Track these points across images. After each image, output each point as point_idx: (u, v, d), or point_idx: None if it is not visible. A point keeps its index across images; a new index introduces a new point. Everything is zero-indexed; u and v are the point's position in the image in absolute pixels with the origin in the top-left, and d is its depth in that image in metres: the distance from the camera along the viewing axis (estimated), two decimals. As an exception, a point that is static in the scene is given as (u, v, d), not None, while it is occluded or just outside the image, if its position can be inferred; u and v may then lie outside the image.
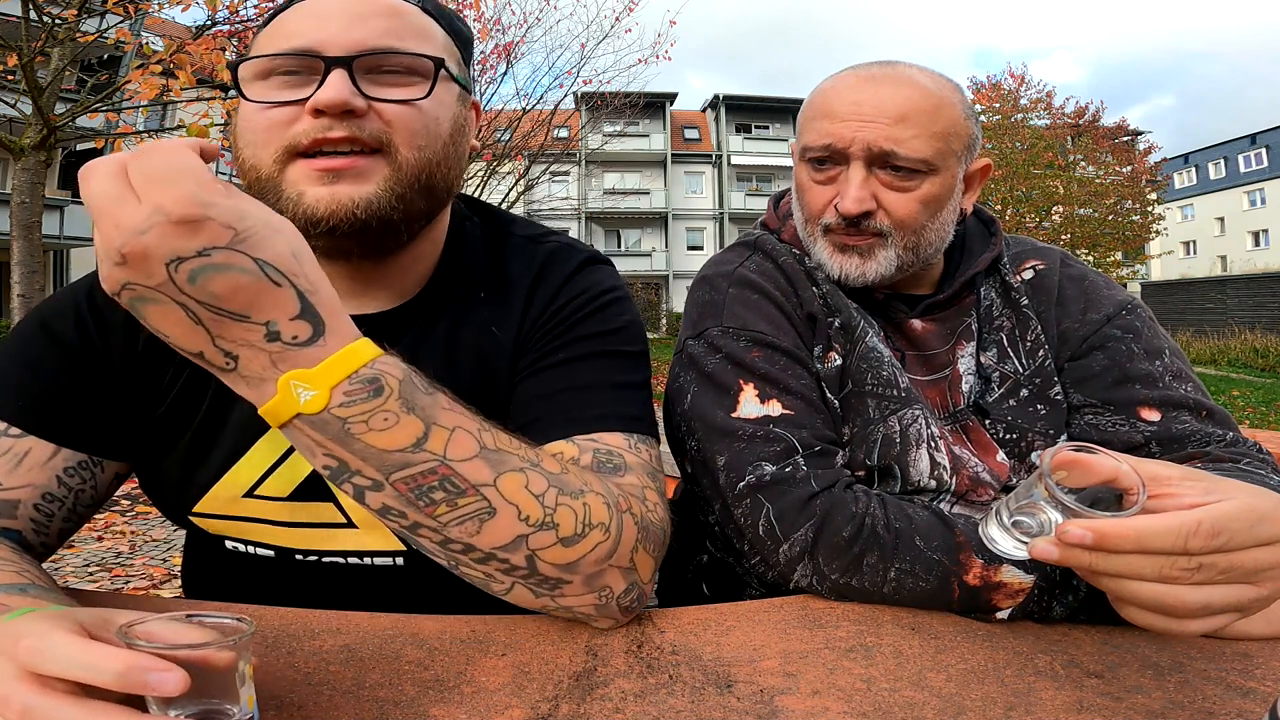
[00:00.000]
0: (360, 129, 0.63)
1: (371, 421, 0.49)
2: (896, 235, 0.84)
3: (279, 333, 0.47)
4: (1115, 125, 23.19)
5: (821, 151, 0.85)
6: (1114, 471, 0.50)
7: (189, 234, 0.44)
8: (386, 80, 0.66)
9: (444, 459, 0.51)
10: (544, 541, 0.55)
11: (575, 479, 0.58)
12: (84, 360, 0.68)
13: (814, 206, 0.88)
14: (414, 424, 0.51)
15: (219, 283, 0.45)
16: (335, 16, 0.65)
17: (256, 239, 0.46)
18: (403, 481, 0.51)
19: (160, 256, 0.44)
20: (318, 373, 0.48)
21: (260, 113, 0.64)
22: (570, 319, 0.74)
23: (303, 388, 0.48)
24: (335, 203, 0.63)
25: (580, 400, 0.69)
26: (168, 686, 0.37)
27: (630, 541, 0.60)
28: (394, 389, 0.50)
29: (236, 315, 0.46)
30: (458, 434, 0.53)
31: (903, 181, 0.83)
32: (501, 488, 0.53)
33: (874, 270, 0.86)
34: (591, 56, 12.91)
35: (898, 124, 0.81)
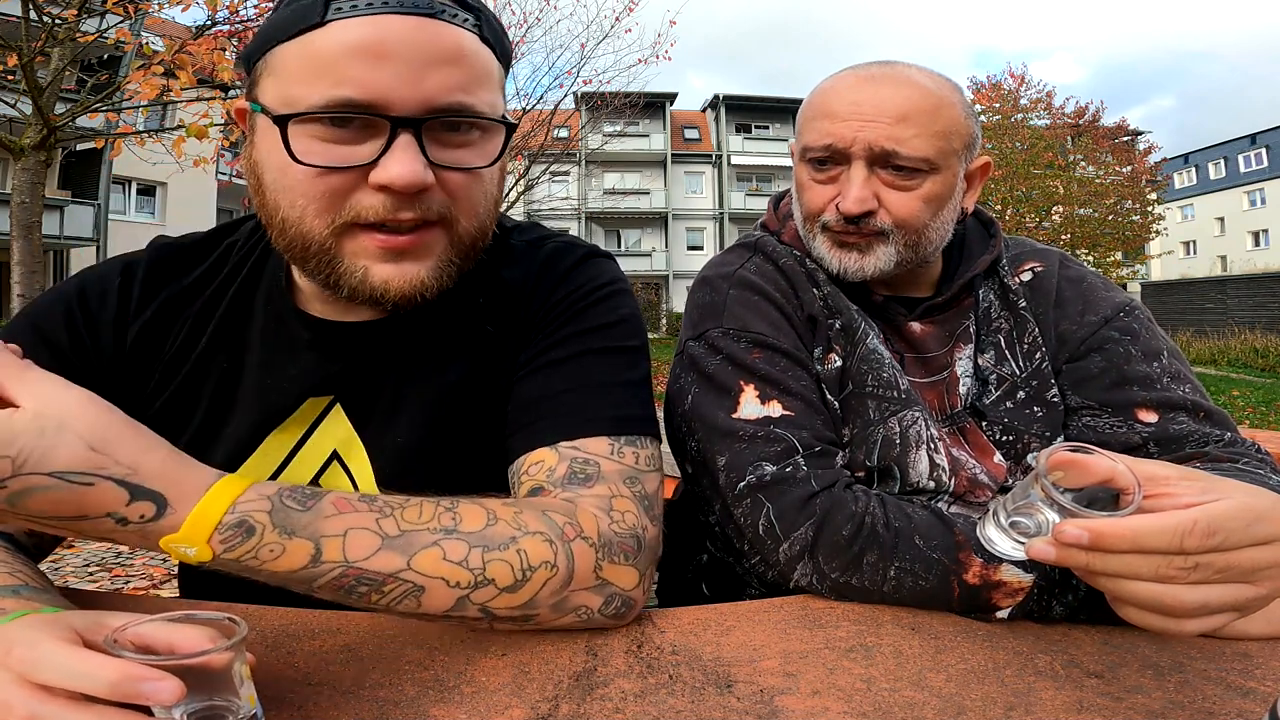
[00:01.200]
0: (429, 207, 0.60)
1: (260, 555, 0.50)
2: (898, 234, 0.85)
3: (124, 518, 0.46)
4: (1115, 125, 23.19)
5: (822, 152, 0.85)
6: (1110, 471, 0.50)
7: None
8: (453, 140, 0.61)
9: (346, 564, 0.51)
10: (486, 595, 0.55)
11: (505, 528, 0.56)
12: (74, 361, 0.67)
13: (814, 205, 0.88)
14: (301, 545, 0.51)
15: (34, 503, 0.44)
16: (395, 57, 0.56)
17: (39, 455, 0.43)
18: (324, 588, 0.52)
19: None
20: (185, 534, 0.48)
21: (312, 178, 0.57)
22: (568, 313, 0.73)
23: (183, 546, 0.48)
24: (406, 282, 0.61)
25: (570, 404, 0.69)
26: (163, 695, 0.37)
27: (588, 565, 0.59)
28: (264, 523, 0.50)
29: (75, 519, 0.45)
30: (351, 536, 0.52)
31: (904, 181, 0.83)
32: (418, 567, 0.53)
33: (872, 265, 0.86)
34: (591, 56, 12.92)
35: (898, 123, 0.81)
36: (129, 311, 0.71)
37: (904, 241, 0.85)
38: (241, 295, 0.74)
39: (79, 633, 0.41)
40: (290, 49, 0.58)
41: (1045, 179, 20.08)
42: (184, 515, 0.48)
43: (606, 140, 19.08)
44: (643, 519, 0.64)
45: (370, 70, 0.55)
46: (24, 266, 5.46)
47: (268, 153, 0.60)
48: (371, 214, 0.58)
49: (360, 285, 0.61)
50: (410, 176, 0.56)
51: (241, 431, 0.70)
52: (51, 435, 0.44)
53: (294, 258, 0.64)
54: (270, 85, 0.60)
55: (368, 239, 0.60)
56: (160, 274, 0.73)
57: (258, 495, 0.51)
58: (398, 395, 0.72)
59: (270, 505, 0.51)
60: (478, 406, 0.73)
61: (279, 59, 0.59)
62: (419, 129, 0.57)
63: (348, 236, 0.60)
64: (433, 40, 0.57)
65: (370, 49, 0.56)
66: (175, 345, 0.71)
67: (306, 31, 0.57)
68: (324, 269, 0.62)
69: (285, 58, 0.59)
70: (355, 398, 0.72)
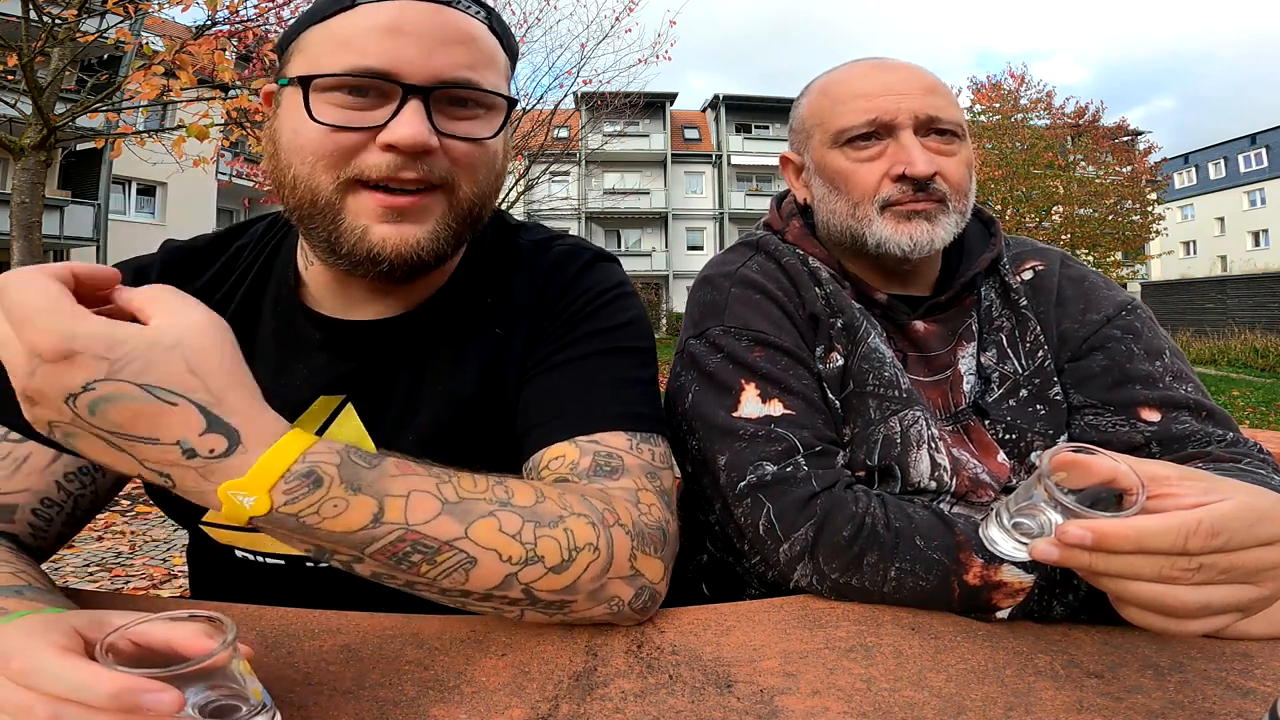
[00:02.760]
0: (430, 170, 0.63)
1: (322, 510, 0.49)
2: (954, 199, 0.86)
3: (194, 449, 0.46)
4: (1115, 125, 23.19)
5: (866, 128, 0.86)
6: (1113, 472, 0.50)
7: (66, 371, 0.43)
8: (458, 114, 0.64)
9: (407, 526, 0.51)
10: (534, 574, 0.55)
11: (553, 506, 0.57)
12: None
13: (865, 185, 0.87)
14: (365, 503, 0.50)
15: (114, 412, 0.44)
16: (412, 35, 0.61)
17: (139, 364, 0.44)
18: (377, 553, 0.52)
19: (55, 395, 0.44)
20: (250, 480, 0.47)
21: (325, 134, 0.61)
22: (576, 316, 0.74)
23: (241, 495, 0.47)
24: (403, 242, 0.63)
25: (585, 401, 0.69)
26: (163, 707, 0.37)
27: (625, 552, 0.60)
28: (333, 476, 0.50)
29: (146, 439, 0.45)
30: (414, 498, 0.52)
31: (947, 145, 0.86)
32: (474, 537, 0.53)
33: (940, 236, 0.86)
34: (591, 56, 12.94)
35: (930, 93, 0.86)
36: None
37: (960, 209, 0.87)
38: (251, 297, 0.75)
39: (80, 632, 0.41)
40: (320, 30, 0.64)
41: (1045, 179, 20.08)
42: (254, 457, 0.47)
43: (606, 140, 19.09)
44: (665, 513, 0.66)
45: (388, 44, 0.61)
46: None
47: (287, 117, 0.64)
48: (375, 172, 0.61)
49: (358, 244, 0.63)
50: (416, 137, 0.60)
51: None
52: (160, 350, 0.45)
53: (300, 217, 0.65)
54: (299, 62, 0.65)
55: (370, 198, 0.63)
56: (172, 277, 0.74)
57: (328, 449, 0.51)
58: (409, 394, 0.73)
59: (339, 459, 0.50)
60: (488, 407, 0.73)
61: (309, 39, 0.65)
62: (428, 97, 0.61)
63: (351, 194, 0.63)
64: (446, 23, 0.63)
65: (389, 27, 0.61)
66: None
67: (336, 14, 0.63)
68: (326, 226, 0.64)
69: (315, 38, 0.64)
70: (367, 397, 0.73)
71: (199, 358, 0.46)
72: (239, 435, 0.47)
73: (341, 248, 0.64)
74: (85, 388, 0.43)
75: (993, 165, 19.41)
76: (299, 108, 0.62)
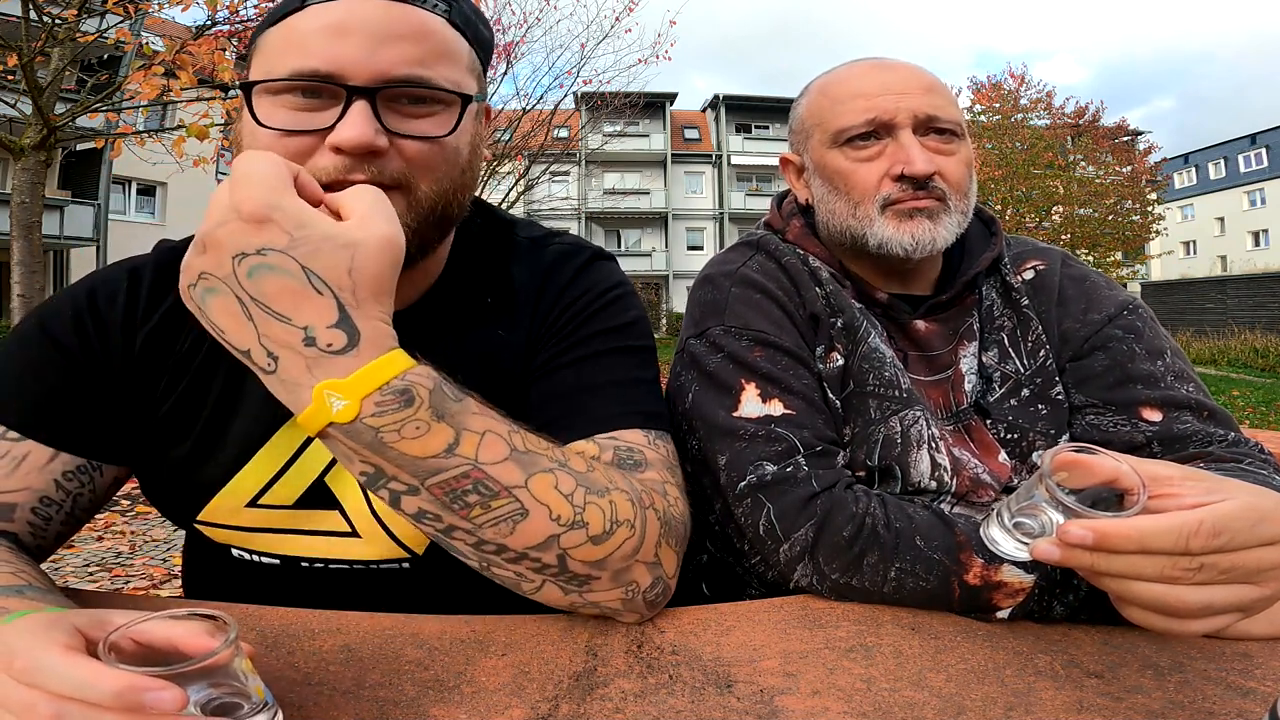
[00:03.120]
0: (381, 171, 0.61)
1: (404, 430, 0.51)
2: (954, 198, 0.86)
3: (315, 339, 0.49)
4: (1115, 125, 23.19)
5: (865, 127, 0.87)
6: (1114, 472, 0.50)
7: (254, 232, 0.48)
8: (410, 111, 0.63)
9: (476, 463, 0.53)
10: (574, 540, 0.56)
11: (601, 477, 0.59)
12: (83, 363, 0.67)
13: (866, 185, 0.87)
14: (445, 431, 0.52)
15: (269, 282, 0.49)
16: (357, 34, 0.60)
17: (311, 248, 0.49)
18: (437, 486, 0.52)
19: (229, 249, 0.49)
20: (350, 383, 0.50)
21: (276, 139, 0.61)
22: (580, 316, 0.74)
23: (335, 397, 0.49)
24: None
25: (597, 399, 0.70)
26: (165, 706, 0.37)
27: (654, 537, 0.61)
28: (424, 399, 0.52)
29: (280, 316, 0.49)
30: (488, 438, 0.54)
31: (946, 145, 0.87)
32: (533, 488, 0.54)
33: (942, 235, 0.86)
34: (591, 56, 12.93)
35: (929, 93, 0.86)
36: (137, 315, 0.71)
37: (960, 209, 0.87)
38: None
39: (81, 630, 0.41)
40: (274, 32, 0.64)
41: (1045, 179, 20.08)
42: (366, 360, 0.50)
43: (606, 140, 19.11)
44: (688, 509, 0.67)
45: (332, 45, 0.60)
46: (24, 266, 5.46)
47: (246, 120, 0.64)
48: (325, 175, 0.61)
49: None
50: (359, 138, 0.59)
51: (248, 430, 0.70)
52: (335, 245, 0.49)
53: None
54: (256, 65, 0.65)
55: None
56: (166, 277, 0.74)
57: (425, 373, 0.53)
58: None
59: (433, 385, 0.53)
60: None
61: (265, 42, 0.65)
62: (373, 97, 0.60)
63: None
64: (395, 20, 0.62)
65: (336, 27, 0.60)
66: (183, 347, 0.72)
67: (288, 16, 0.63)
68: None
69: (269, 41, 0.64)
70: None
71: (362, 261, 0.50)
72: (360, 338, 0.50)
73: None
74: (259, 251, 0.48)
75: (993, 165, 19.41)
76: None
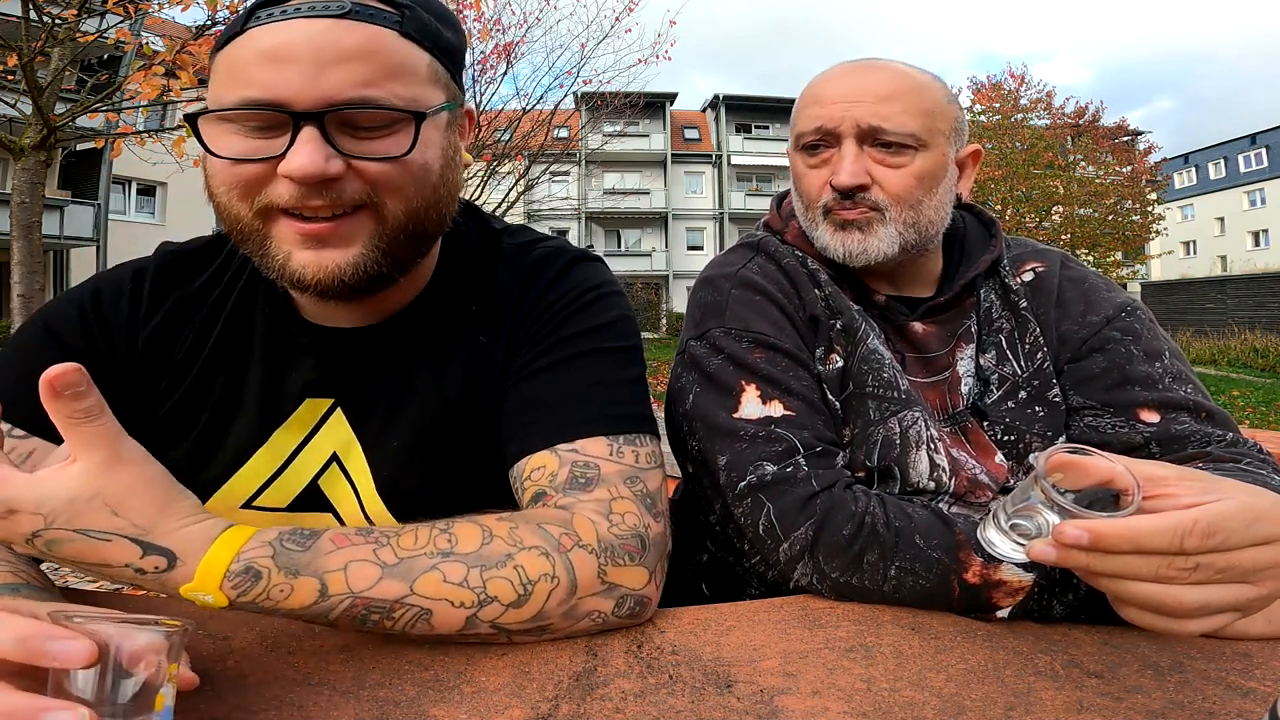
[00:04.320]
0: (340, 195, 0.60)
1: (272, 595, 0.53)
2: (894, 210, 0.85)
3: (141, 569, 0.51)
4: (1115, 125, 23.18)
5: (814, 135, 0.88)
6: (1109, 472, 0.50)
7: (15, 523, 0.49)
8: (365, 134, 0.61)
9: (353, 594, 0.54)
10: (494, 613, 0.56)
11: (501, 546, 0.58)
12: (87, 363, 0.67)
13: (812, 191, 0.89)
14: (307, 582, 0.53)
15: (64, 550, 0.50)
16: (297, 59, 0.58)
17: (66, 515, 0.49)
18: (339, 619, 0.54)
19: (17, 539, 0.50)
20: (198, 584, 0.51)
21: (228, 168, 0.60)
22: (557, 317, 0.74)
23: (199, 594, 0.52)
24: (322, 270, 0.61)
25: (566, 406, 0.69)
26: (72, 656, 0.35)
27: (590, 572, 0.59)
28: (269, 567, 0.53)
29: (99, 566, 0.51)
30: (353, 568, 0.54)
31: (894, 157, 0.85)
32: (421, 592, 0.55)
33: (875, 247, 0.86)
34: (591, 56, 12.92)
35: (883, 102, 0.84)
36: (140, 316, 0.72)
37: (902, 220, 0.86)
38: (243, 301, 0.75)
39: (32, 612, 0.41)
40: (221, 59, 0.62)
41: (1045, 179, 20.07)
42: (194, 567, 0.51)
43: (606, 140, 19.07)
44: (645, 518, 0.65)
45: (273, 72, 0.58)
46: (24, 266, 5.45)
47: (206, 160, 0.63)
48: (282, 201, 0.60)
49: (283, 270, 0.62)
50: (310, 168, 0.58)
51: (245, 433, 0.71)
52: (82, 504, 0.49)
53: (238, 242, 0.65)
54: (210, 90, 0.63)
55: (287, 225, 0.61)
56: (168, 279, 0.74)
57: (260, 542, 0.54)
58: (395, 400, 0.73)
59: (273, 550, 0.54)
60: (473, 411, 0.73)
61: (215, 66, 0.63)
62: (321, 122, 0.58)
63: (271, 220, 0.62)
64: (336, 41, 0.59)
65: (276, 53, 0.58)
66: (183, 350, 0.72)
67: (232, 40, 0.61)
68: (256, 252, 0.63)
69: (218, 65, 0.62)
70: (354, 401, 0.73)
71: (118, 502, 0.50)
72: (173, 553, 0.51)
73: (272, 271, 0.63)
74: (34, 534, 0.49)
75: (993, 165, 19.40)
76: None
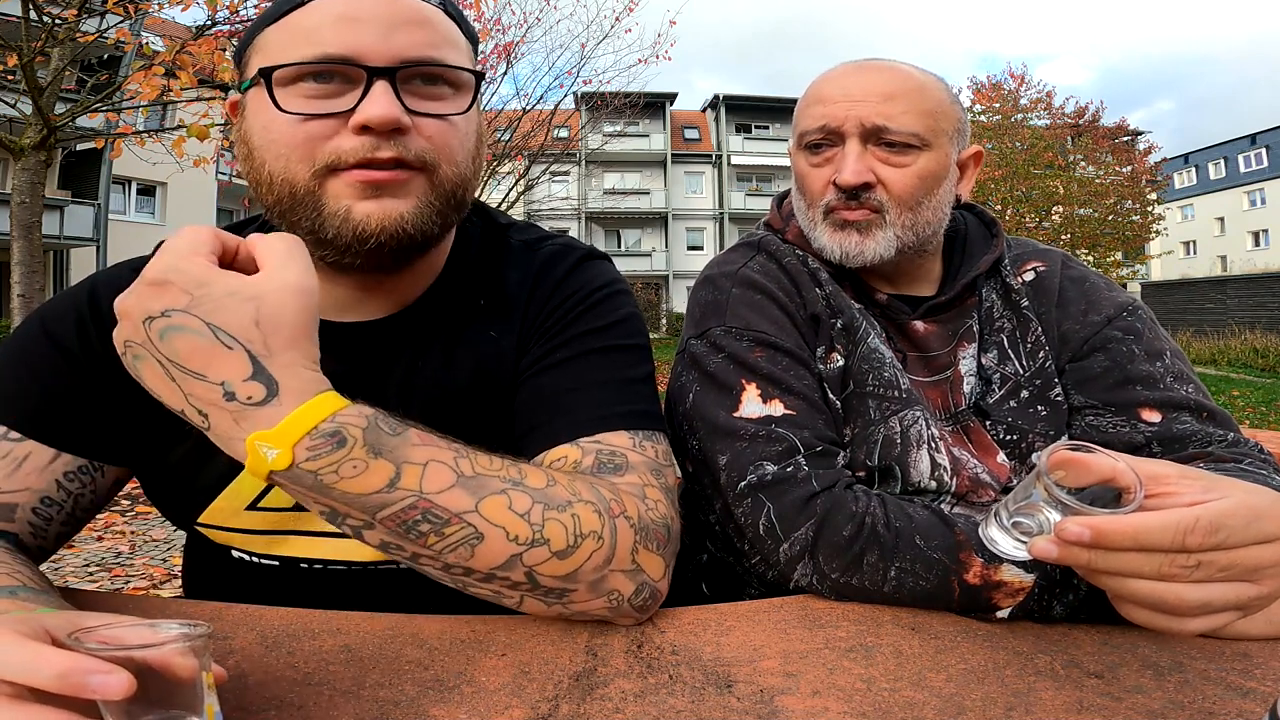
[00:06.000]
0: (406, 148, 0.62)
1: (341, 470, 0.51)
2: (894, 211, 0.85)
3: (234, 393, 0.50)
4: (1115, 125, 23.19)
5: (817, 134, 0.87)
6: (1111, 470, 0.50)
7: (156, 295, 0.50)
8: (426, 93, 0.64)
9: (420, 494, 0.53)
10: (538, 557, 0.56)
11: (563, 491, 0.59)
12: (85, 365, 0.67)
13: (813, 190, 0.89)
14: (384, 466, 0.52)
15: (178, 341, 0.50)
16: (369, 20, 0.61)
17: (212, 305, 0.50)
18: (388, 519, 0.53)
19: (137, 315, 0.50)
20: (278, 432, 0.50)
21: (295, 125, 0.61)
22: (568, 316, 0.74)
23: (267, 447, 0.50)
24: (386, 218, 0.62)
25: (583, 400, 0.69)
26: (110, 689, 0.35)
27: (628, 545, 0.60)
28: (357, 438, 0.52)
29: (196, 374, 0.50)
30: (431, 467, 0.54)
31: (898, 156, 0.85)
32: (484, 512, 0.55)
33: (872, 249, 0.86)
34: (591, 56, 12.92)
35: (887, 101, 0.84)
36: None
37: (902, 222, 0.86)
38: None
39: (49, 631, 0.40)
40: (276, 30, 0.64)
41: (1045, 179, 20.08)
42: (289, 409, 0.50)
43: (606, 140, 19.10)
44: (670, 510, 0.66)
45: (346, 31, 0.61)
46: (24, 266, 5.46)
47: (256, 116, 0.64)
48: (352, 156, 0.61)
49: (343, 226, 0.63)
50: (387, 113, 0.60)
51: None
52: (238, 300, 0.50)
53: (283, 212, 0.65)
54: (258, 61, 0.64)
55: (348, 176, 0.62)
56: None
57: (357, 412, 0.53)
58: (402, 395, 0.72)
59: (366, 423, 0.53)
60: (481, 407, 0.73)
61: (266, 40, 0.65)
62: (394, 77, 0.61)
63: (329, 179, 0.63)
64: (401, 8, 0.63)
65: (345, 15, 0.61)
66: None
67: (290, 13, 0.63)
68: (310, 215, 0.63)
69: (272, 38, 0.64)
70: (362, 397, 0.72)
71: (270, 312, 0.51)
72: (278, 387, 0.50)
73: (327, 233, 0.63)
74: (164, 313, 0.49)
75: (993, 165, 19.41)
76: (266, 104, 0.62)
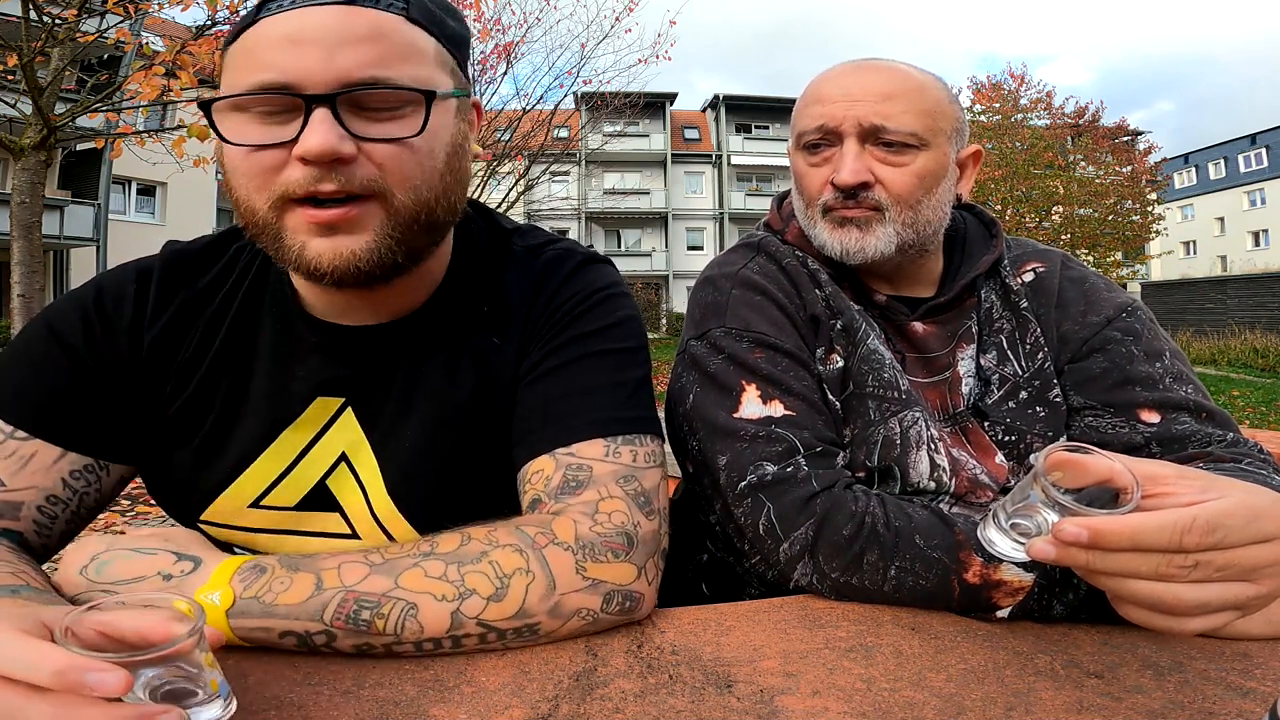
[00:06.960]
0: (351, 179, 0.60)
1: (273, 588, 0.58)
2: (894, 210, 0.85)
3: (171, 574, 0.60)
4: (1115, 125, 23.18)
5: (815, 134, 0.88)
6: (1109, 471, 0.50)
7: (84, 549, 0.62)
8: (375, 115, 0.61)
9: (345, 588, 0.58)
10: (475, 608, 0.58)
11: (477, 545, 0.61)
12: (90, 364, 0.68)
13: (812, 189, 0.89)
14: (305, 576, 0.59)
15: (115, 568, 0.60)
16: (311, 43, 0.59)
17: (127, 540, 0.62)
18: (335, 619, 0.57)
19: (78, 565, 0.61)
20: (213, 580, 0.59)
21: (244, 157, 0.60)
22: (564, 320, 0.74)
23: (211, 594, 0.58)
24: (337, 256, 0.61)
25: (565, 410, 0.70)
26: (108, 687, 0.37)
27: (566, 568, 0.61)
28: (274, 564, 0.60)
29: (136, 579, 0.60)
30: (345, 565, 0.60)
31: (896, 156, 0.85)
32: (405, 584, 0.58)
33: (873, 245, 0.86)
34: (591, 56, 12.91)
35: (885, 101, 0.84)
36: (145, 317, 0.71)
37: (901, 220, 0.86)
38: (250, 300, 0.75)
39: (46, 625, 0.41)
40: (235, 48, 0.63)
41: (1045, 179, 20.07)
42: (213, 567, 0.60)
43: (606, 140, 19.08)
44: (635, 515, 0.65)
45: (286, 55, 0.59)
46: (24, 266, 5.45)
47: (223, 152, 0.64)
48: (298, 188, 0.60)
49: (299, 260, 0.62)
50: (323, 145, 0.58)
51: (252, 432, 0.71)
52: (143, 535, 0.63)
53: (254, 236, 0.65)
54: (224, 81, 0.64)
55: (301, 213, 0.61)
56: (174, 280, 0.74)
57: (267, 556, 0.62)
58: (405, 400, 0.73)
59: (278, 558, 0.61)
60: (484, 414, 0.73)
61: (228, 58, 0.64)
62: (333, 103, 0.59)
63: (286, 212, 0.62)
64: (346, 24, 0.60)
65: (288, 37, 0.59)
66: (189, 350, 0.72)
67: (246, 29, 0.62)
68: (273, 245, 0.64)
69: (231, 57, 0.64)
70: (365, 401, 0.73)
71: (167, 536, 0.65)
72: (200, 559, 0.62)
73: (288, 263, 0.64)
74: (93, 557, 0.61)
75: (993, 165, 19.40)
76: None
